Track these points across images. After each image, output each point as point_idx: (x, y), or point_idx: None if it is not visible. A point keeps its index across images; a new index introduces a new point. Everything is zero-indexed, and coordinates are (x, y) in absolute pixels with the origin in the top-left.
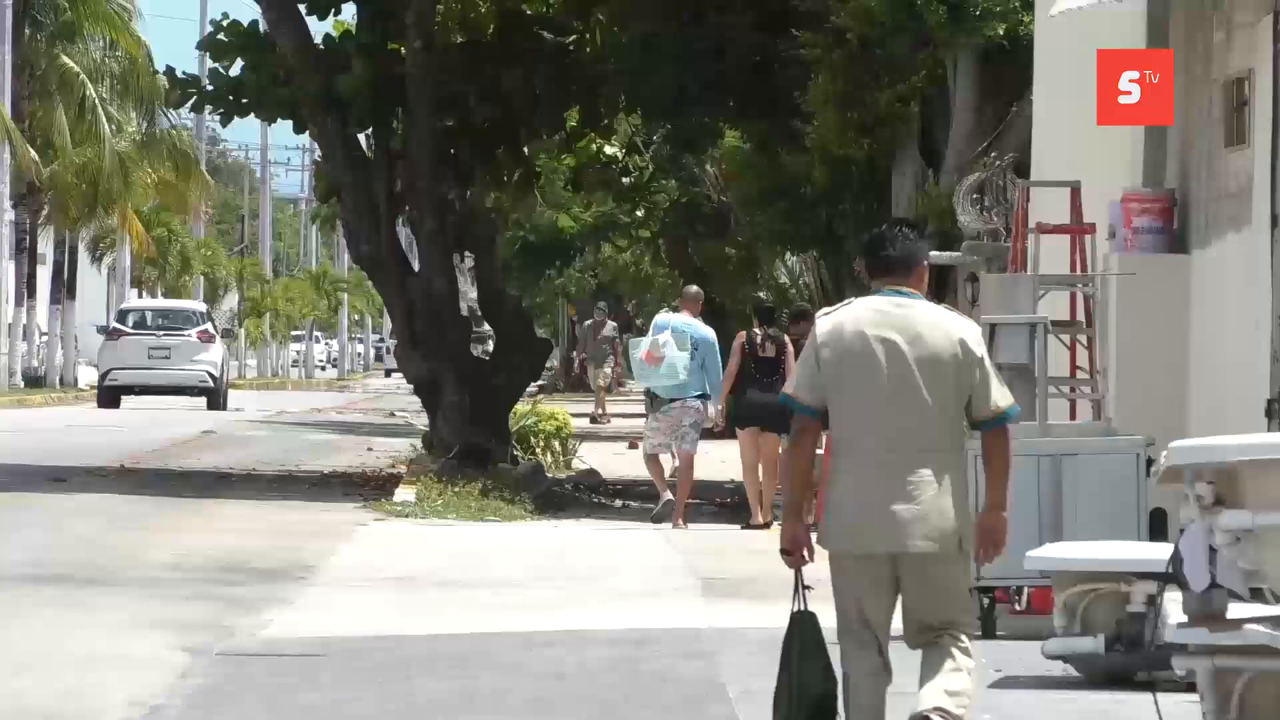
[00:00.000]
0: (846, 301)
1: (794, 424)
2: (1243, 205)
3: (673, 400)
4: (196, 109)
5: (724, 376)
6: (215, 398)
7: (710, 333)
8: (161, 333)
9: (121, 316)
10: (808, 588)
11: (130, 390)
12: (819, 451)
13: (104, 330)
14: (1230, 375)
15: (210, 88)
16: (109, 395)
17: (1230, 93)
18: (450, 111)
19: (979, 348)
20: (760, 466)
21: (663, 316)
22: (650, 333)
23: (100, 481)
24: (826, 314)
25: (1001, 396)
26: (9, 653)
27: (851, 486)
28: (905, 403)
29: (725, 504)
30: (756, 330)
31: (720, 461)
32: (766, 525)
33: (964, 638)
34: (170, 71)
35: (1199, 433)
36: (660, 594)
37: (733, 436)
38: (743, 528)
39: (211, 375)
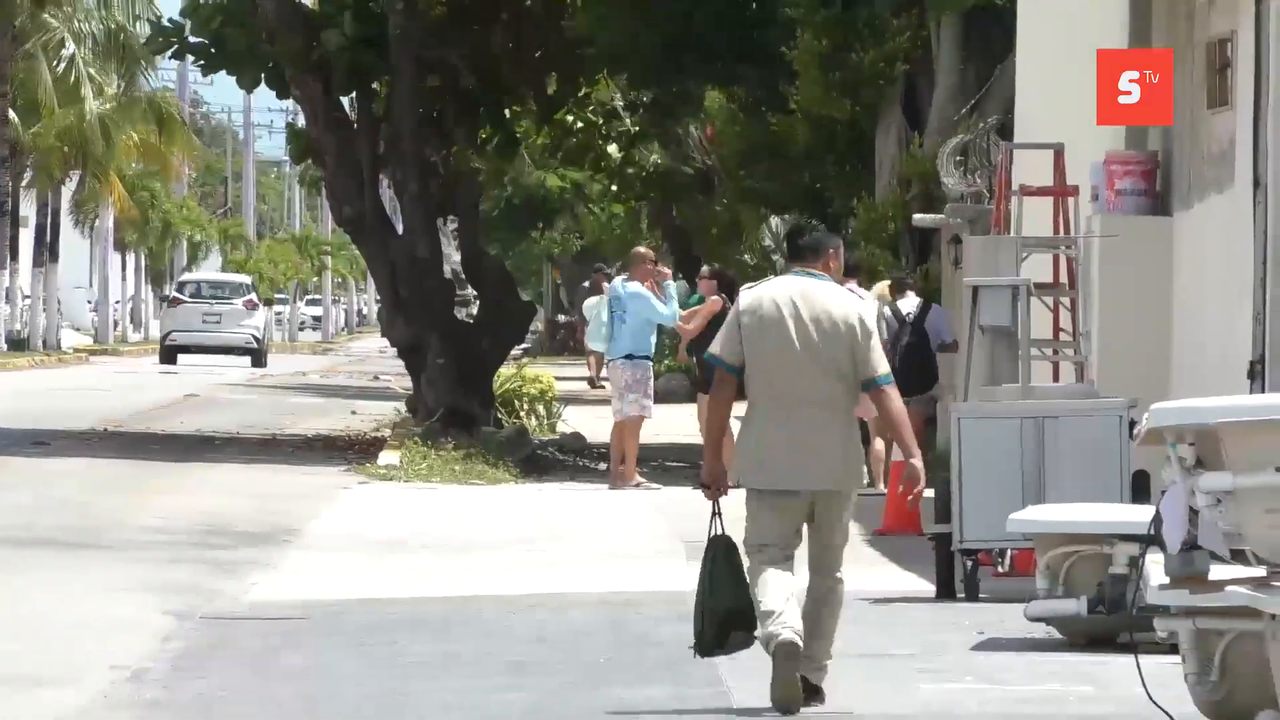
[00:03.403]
0: (766, 279)
1: (715, 377)
2: (1225, 167)
3: (610, 361)
4: (178, 56)
5: (684, 338)
6: (259, 357)
7: (635, 288)
8: (214, 301)
9: (180, 287)
10: (719, 515)
11: (186, 349)
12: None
13: (165, 299)
14: (1212, 337)
15: (193, 40)
16: (168, 353)
17: (1213, 54)
18: (433, 74)
19: (870, 322)
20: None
21: (618, 282)
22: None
23: (83, 445)
24: (749, 288)
25: (880, 364)
26: None
27: (767, 434)
28: (811, 365)
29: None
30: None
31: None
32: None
33: (840, 574)
34: (155, 20)
35: (1181, 395)
36: (643, 557)
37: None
38: (695, 487)
39: (255, 338)
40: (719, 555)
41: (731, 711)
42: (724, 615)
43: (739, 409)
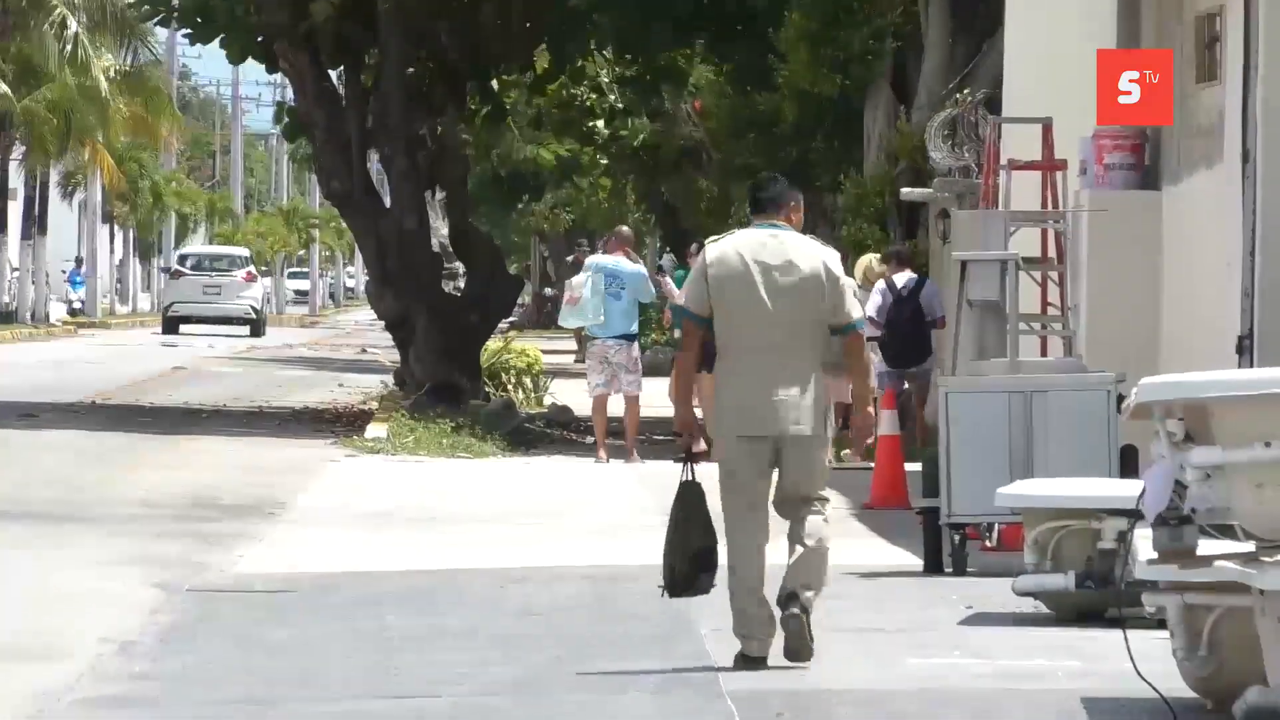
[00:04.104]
0: (730, 232)
1: (684, 329)
2: (1214, 142)
3: (593, 339)
4: (164, 24)
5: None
6: (257, 327)
7: (637, 267)
8: (214, 273)
9: (181, 260)
10: (694, 462)
11: (188, 320)
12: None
13: (167, 270)
14: (1201, 312)
15: (179, 7)
16: (170, 324)
17: (1202, 29)
18: (422, 47)
19: (838, 269)
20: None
21: (592, 258)
22: (579, 273)
23: (71, 417)
24: (714, 241)
25: (854, 309)
26: None
27: (738, 382)
28: (778, 314)
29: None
30: None
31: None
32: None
33: (822, 506)
34: None
35: (1169, 369)
36: (630, 530)
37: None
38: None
39: (254, 309)
40: (689, 500)
41: (717, 682)
42: (693, 555)
43: None
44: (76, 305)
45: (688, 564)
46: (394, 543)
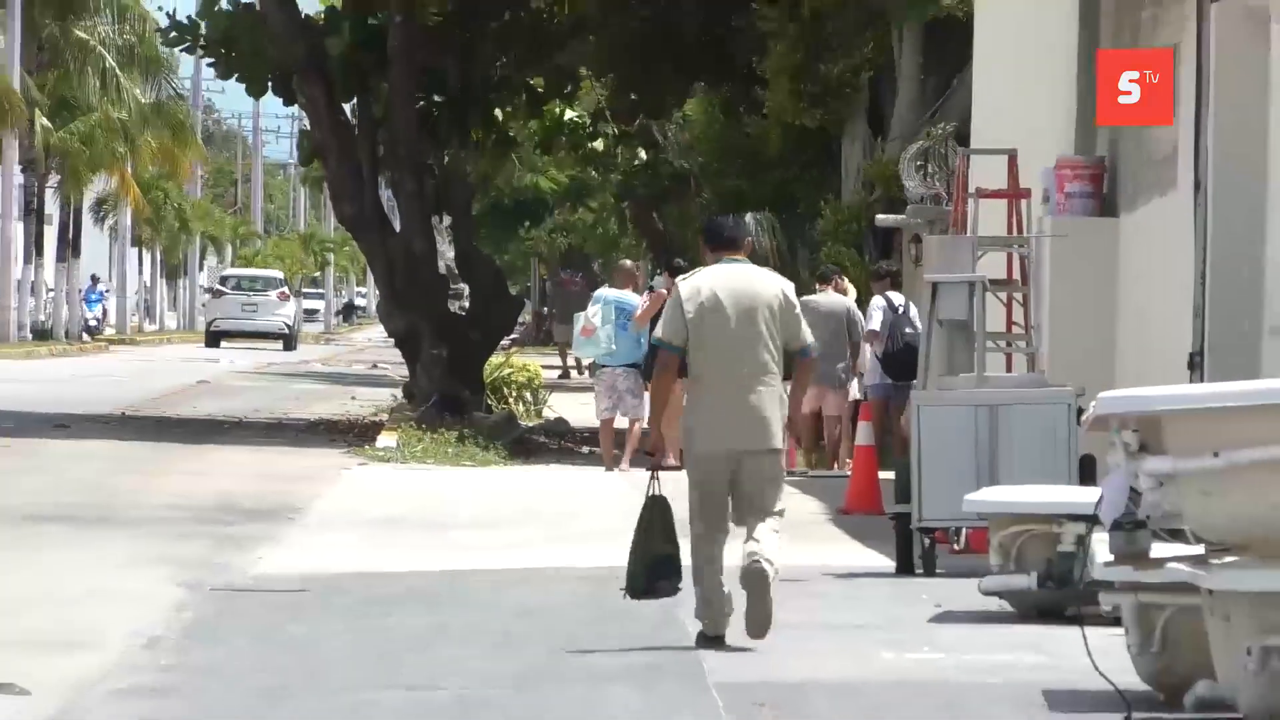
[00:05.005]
0: (698, 270)
1: (660, 357)
2: (1168, 171)
3: (603, 366)
4: (190, 52)
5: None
6: (290, 341)
7: (641, 300)
8: (251, 293)
9: (222, 281)
10: (658, 475)
11: (228, 335)
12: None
13: (210, 290)
14: (1155, 330)
15: (206, 37)
16: (213, 338)
17: None
18: (429, 80)
19: (794, 297)
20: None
21: (600, 291)
22: (589, 305)
23: (101, 428)
24: (685, 279)
25: (807, 334)
26: (19, 588)
27: (708, 402)
28: (745, 341)
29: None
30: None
31: None
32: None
33: (777, 520)
34: (171, 16)
35: (1125, 384)
36: (624, 535)
37: None
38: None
39: (287, 325)
40: (654, 511)
41: (703, 676)
42: (653, 561)
43: None
44: (92, 323)
45: (647, 570)
46: (402, 545)
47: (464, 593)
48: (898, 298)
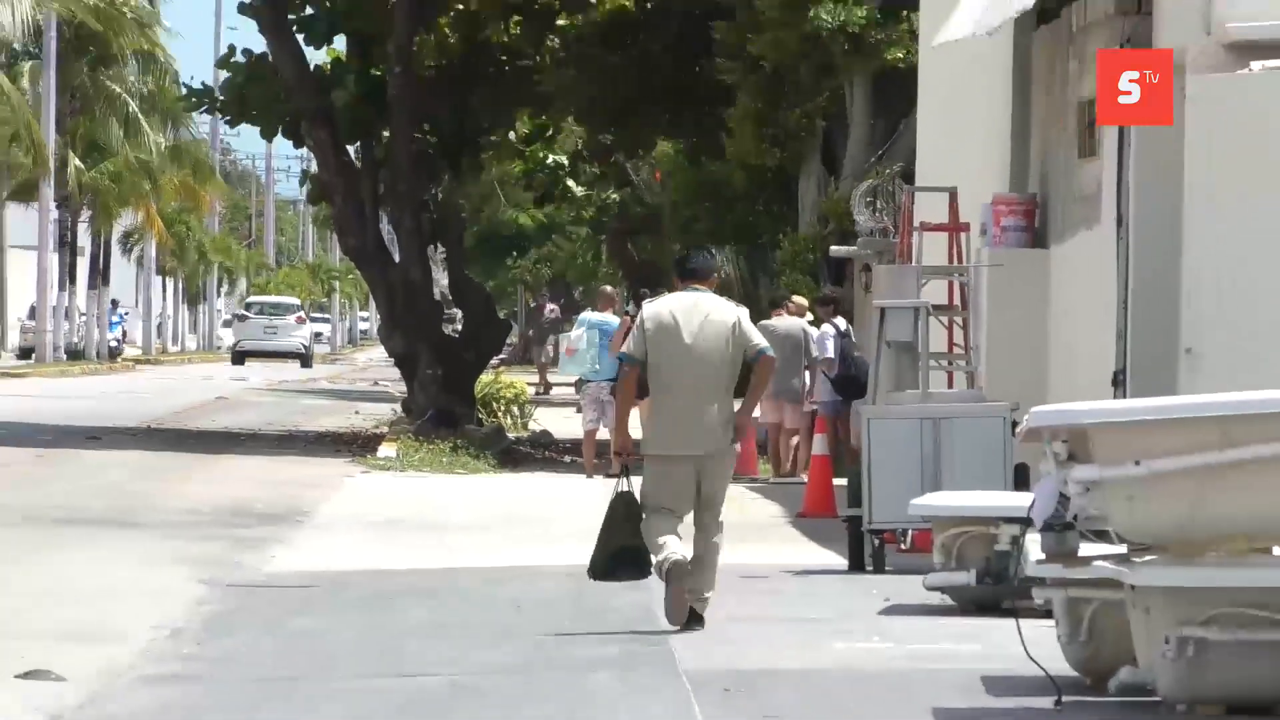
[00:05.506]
0: (662, 295)
1: (624, 369)
2: (1093, 207)
3: (588, 382)
4: (209, 113)
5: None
6: (306, 360)
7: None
8: (273, 317)
9: (247, 307)
10: (627, 476)
11: (252, 354)
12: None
13: (236, 316)
14: (1082, 351)
15: (221, 98)
16: (238, 357)
17: (1083, 112)
18: (425, 125)
19: (746, 322)
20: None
21: (584, 315)
22: (574, 328)
23: (129, 439)
24: (650, 302)
25: (760, 340)
26: (53, 584)
27: (667, 409)
28: (700, 358)
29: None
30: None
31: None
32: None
33: (720, 519)
34: (188, 84)
35: (1056, 400)
36: None
37: None
38: (609, 475)
39: (304, 346)
40: (620, 505)
41: (674, 664)
42: (616, 549)
43: None
44: (112, 344)
45: (611, 556)
46: (402, 545)
47: (458, 588)
48: (842, 323)
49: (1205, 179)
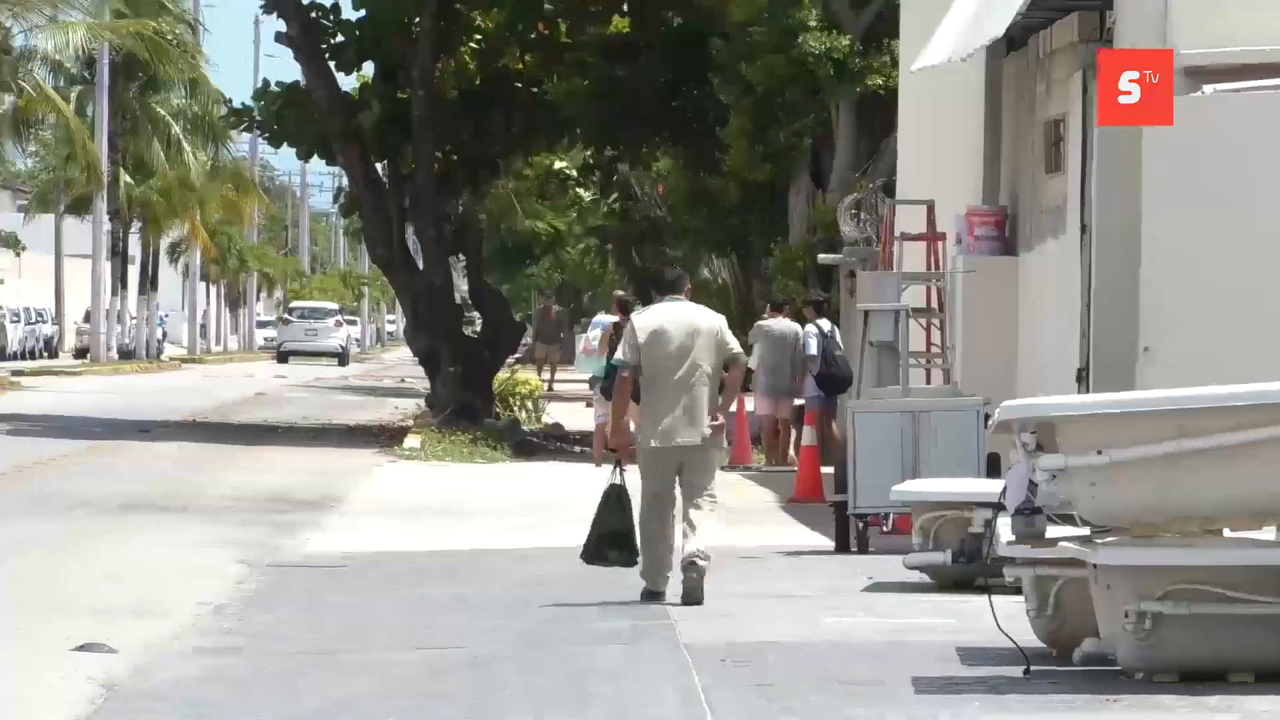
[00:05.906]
0: (649, 306)
1: (619, 373)
2: (1059, 219)
3: (601, 379)
4: (248, 131)
5: (601, 347)
6: (344, 359)
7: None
8: (313, 320)
9: (289, 311)
10: (622, 469)
11: (294, 354)
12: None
13: (281, 319)
14: (1049, 350)
15: (260, 119)
16: (282, 356)
17: (1050, 131)
18: (447, 145)
19: (724, 327)
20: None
21: (599, 317)
22: (588, 329)
23: (176, 431)
24: (639, 313)
25: (736, 347)
26: (105, 565)
27: (657, 407)
28: (685, 360)
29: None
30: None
31: None
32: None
33: (713, 496)
34: (229, 103)
35: (1025, 394)
36: None
37: None
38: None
39: (342, 346)
40: (613, 494)
41: (676, 637)
42: (606, 534)
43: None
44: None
45: (601, 540)
46: (427, 529)
47: (479, 567)
48: (826, 324)
49: (1162, 193)
